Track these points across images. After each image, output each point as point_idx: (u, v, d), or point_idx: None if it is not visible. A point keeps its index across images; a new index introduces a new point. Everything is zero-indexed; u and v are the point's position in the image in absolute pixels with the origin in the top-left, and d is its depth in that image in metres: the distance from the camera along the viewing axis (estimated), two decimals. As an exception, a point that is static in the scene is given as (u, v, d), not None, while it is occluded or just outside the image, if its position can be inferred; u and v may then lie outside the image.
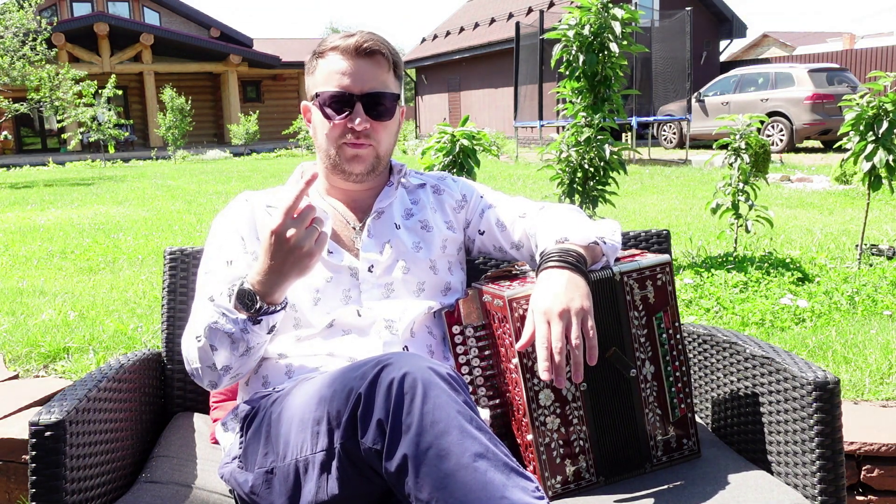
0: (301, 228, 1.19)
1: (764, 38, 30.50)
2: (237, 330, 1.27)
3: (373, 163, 1.44)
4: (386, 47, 1.42)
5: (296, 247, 1.20)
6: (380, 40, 1.42)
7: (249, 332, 1.27)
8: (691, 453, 1.40)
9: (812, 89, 13.42)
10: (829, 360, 2.59)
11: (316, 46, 1.45)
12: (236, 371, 1.34)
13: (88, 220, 7.42)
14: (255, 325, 1.27)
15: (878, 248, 4.42)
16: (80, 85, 16.27)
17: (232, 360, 1.31)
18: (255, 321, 1.26)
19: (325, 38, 1.45)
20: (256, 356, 1.34)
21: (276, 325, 1.31)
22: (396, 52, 1.45)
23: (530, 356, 1.28)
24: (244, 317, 1.26)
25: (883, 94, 3.86)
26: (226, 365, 1.32)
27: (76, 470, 1.21)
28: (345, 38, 1.41)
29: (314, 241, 1.21)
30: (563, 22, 4.08)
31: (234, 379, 1.37)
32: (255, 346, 1.31)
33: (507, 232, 1.53)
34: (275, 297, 1.26)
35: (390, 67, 1.43)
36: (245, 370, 1.36)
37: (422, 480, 1.05)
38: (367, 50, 1.39)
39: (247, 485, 1.27)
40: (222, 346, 1.29)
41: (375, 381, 1.10)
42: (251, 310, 1.25)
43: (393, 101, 1.43)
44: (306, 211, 1.20)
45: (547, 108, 14.21)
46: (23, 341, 3.02)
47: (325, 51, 1.42)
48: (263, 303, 1.25)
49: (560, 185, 4.28)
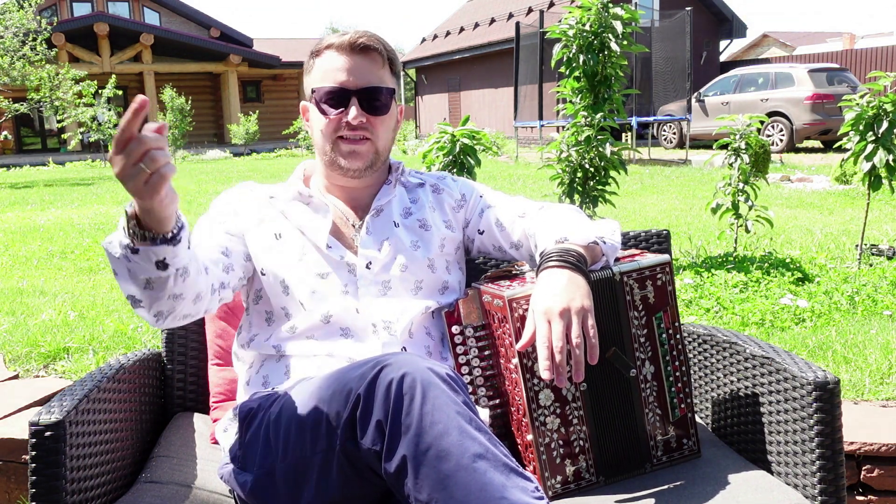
0: (127, 164, 0.99)
1: (764, 38, 30.50)
2: (122, 256, 1.12)
3: (371, 158, 1.45)
4: (381, 43, 1.43)
5: (124, 184, 1.02)
6: (374, 37, 1.43)
7: (132, 261, 1.12)
8: (691, 453, 1.40)
9: (812, 89, 13.41)
10: (829, 360, 2.59)
11: (313, 47, 1.47)
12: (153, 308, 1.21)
13: (88, 220, 7.42)
14: (135, 255, 1.11)
15: (878, 248, 4.42)
16: (80, 85, 16.26)
17: (136, 291, 1.18)
18: (134, 250, 1.11)
19: (322, 38, 1.46)
20: (167, 297, 1.19)
21: (168, 260, 1.13)
22: (392, 49, 1.46)
23: (530, 356, 1.28)
24: (126, 241, 1.11)
25: (883, 94, 3.86)
26: (131, 294, 1.19)
27: (76, 470, 1.21)
28: (340, 36, 1.43)
29: (141, 182, 1.00)
30: (563, 21, 4.08)
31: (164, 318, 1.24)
32: (153, 279, 1.15)
33: (506, 232, 1.53)
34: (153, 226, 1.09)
35: (385, 63, 1.44)
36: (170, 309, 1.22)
37: (421, 481, 1.05)
38: (362, 46, 1.41)
39: (246, 485, 1.27)
40: (120, 271, 1.16)
41: (375, 381, 1.10)
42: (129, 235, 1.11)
43: (389, 95, 1.43)
44: (133, 145, 0.98)
45: (547, 108, 14.21)
46: (23, 341, 3.02)
47: (321, 49, 1.44)
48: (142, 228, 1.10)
49: (560, 185, 4.28)
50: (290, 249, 1.44)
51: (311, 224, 1.46)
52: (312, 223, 1.46)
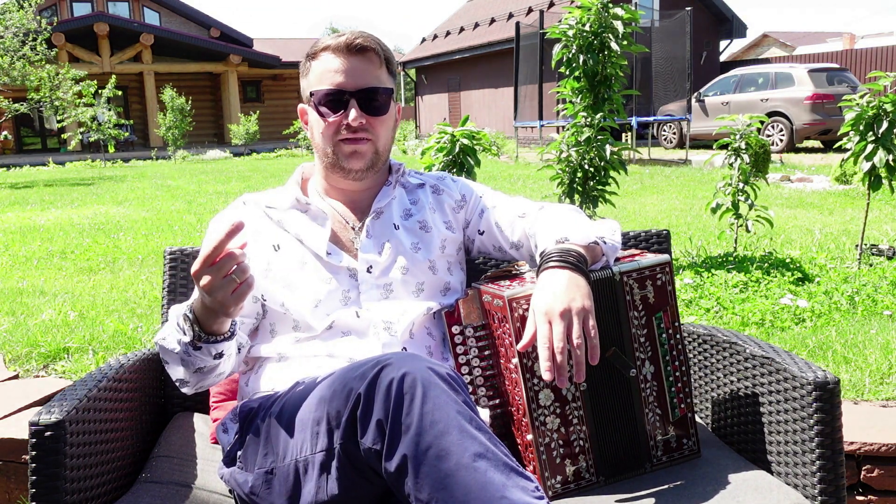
0: (217, 277, 1.13)
1: (764, 38, 30.50)
2: (181, 350, 1.27)
3: (372, 158, 1.45)
4: (377, 43, 1.43)
5: (210, 295, 1.15)
6: (370, 37, 1.43)
7: (192, 355, 1.26)
8: (691, 453, 1.40)
9: (812, 89, 13.41)
10: (829, 360, 2.59)
11: (308, 49, 1.46)
12: (197, 385, 1.35)
13: (88, 220, 7.42)
14: (196, 351, 1.26)
15: (878, 248, 4.42)
16: (80, 85, 16.28)
17: (186, 375, 1.32)
18: (196, 347, 1.25)
19: (318, 41, 1.46)
20: (213, 375, 1.34)
21: (224, 352, 1.29)
22: (388, 49, 1.46)
23: (530, 356, 1.28)
24: (187, 339, 1.25)
25: (883, 94, 3.86)
26: (180, 379, 1.33)
27: (76, 470, 1.21)
28: (336, 38, 1.42)
29: (230, 291, 1.15)
30: (563, 21, 4.08)
31: (201, 388, 1.38)
32: (205, 367, 1.30)
33: (506, 232, 1.53)
34: (213, 328, 1.24)
35: (382, 63, 1.44)
36: (209, 384, 1.37)
37: (421, 480, 1.05)
38: (358, 47, 1.40)
39: (246, 485, 1.27)
40: (172, 361, 1.31)
41: (375, 381, 1.10)
42: (192, 337, 1.25)
43: (387, 95, 1.43)
44: (225, 261, 1.13)
45: (547, 108, 14.21)
46: (23, 341, 3.02)
47: (316, 52, 1.43)
48: (202, 331, 1.24)
49: (560, 185, 4.28)
50: (289, 261, 1.44)
51: (309, 233, 1.46)
52: (311, 232, 1.46)
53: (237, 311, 1.20)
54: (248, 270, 1.15)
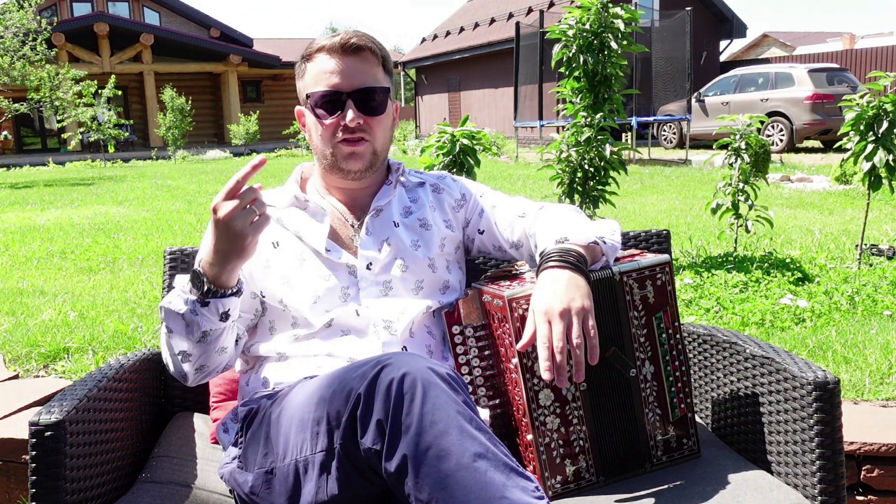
0: (238, 207, 1.17)
1: (764, 38, 30.50)
2: (187, 311, 1.25)
3: (370, 159, 1.44)
4: (372, 42, 1.42)
5: (230, 225, 1.18)
6: (365, 36, 1.42)
7: (199, 314, 1.25)
8: (691, 453, 1.40)
9: (812, 89, 13.41)
10: (829, 360, 2.59)
11: (303, 51, 1.45)
12: (199, 361, 1.32)
13: (88, 220, 7.42)
14: (203, 308, 1.25)
15: (878, 248, 4.42)
16: (80, 85, 16.28)
17: (189, 345, 1.29)
18: (204, 303, 1.25)
19: (312, 42, 1.45)
20: (216, 346, 1.31)
21: (231, 312, 1.28)
22: (383, 47, 1.45)
23: (530, 356, 1.28)
24: (194, 297, 1.25)
25: (883, 94, 3.86)
26: (183, 350, 1.30)
27: (76, 470, 1.21)
28: (330, 38, 1.41)
29: (248, 222, 1.18)
30: (563, 21, 4.08)
31: (203, 373, 1.35)
32: (210, 332, 1.28)
33: (506, 232, 1.53)
34: (222, 280, 1.24)
35: (378, 62, 1.43)
36: (211, 364, 1.34)
37: (421, 481, 1.05)
38: (354, 46, 1.39)
39: (246, 485, 1.27)
40: (176, 328, 1.28)
41: (375, 381, 1.10)
42: (201, 291, 1.25)
43: (384, 95, 1.42)
44: (247, 192, 1.18)
45: (547, 108, 14.21)
46: (23, 341, 3.02)
47: (311, 53, 1.42)
48: (211, 284, 1.24)
49: (560, 185, 4.28)
50: (288, 257, 1.44)
51: (308, 230, 1.46)
52: (310, 229, 1.46)
53: (252, 248, 1.21)
54: (265, 206, 1.21)
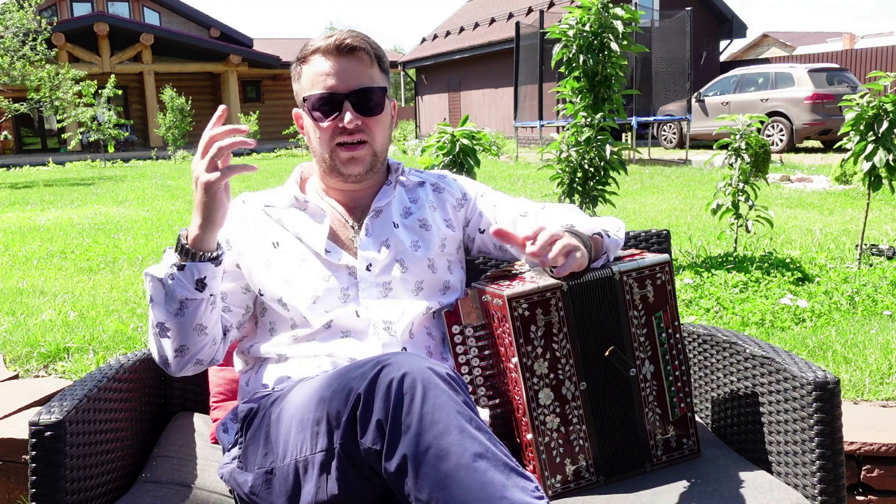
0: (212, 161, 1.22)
1: (764, 38, 30.50)
2: (166, 276, 1.26)
3: (370, 161, 1.44)
4: (367, 42, 1.41)
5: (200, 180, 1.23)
6: (359, 36, 1.41)
7: (175, 278, 1.26)
8: (691, 453, 1.40)
9: (812, 89, 13.41)
10: (829, 360, 2.59)
11: (298, 53, 1.45)
12: (178, 339, 1.30)
13: (88, 220, 7.42)
14: (180, 272, 1.26)
15: (878, 248, 4.42)
16: (80, 85, 16.29)
17: (166, 317, 1.29)
18: (181, 267, 1.26)
19: (306, 43, 1.45)
20: (194, 321, 1.30)
21: (207, 281, 1.28)
22: (378, 46, 1.45)
23: (530, 355, 1.28)
24: (175, 260, 1.27)
25: (883, 94, 3.86)
26: (161, 322, 1.30)
27: (76, 470, 1.21)
28: (325, 39, 1.41)
29: (205, 167, 1.22)
30: (563, 21, 4.08)
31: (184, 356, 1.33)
32: (186, 302, 1.27)
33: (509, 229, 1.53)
34: (200, 241, 1.27)
35: (373, 61, 1.42)
36: (192, 345, 1.32)
37: (421, 480, 1.05)
38: (348, 47, 1.39)
39: (246, 485, 1.27)
40: (157, 296, 1.29)
41: (375, 381, 1.11)
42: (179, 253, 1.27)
43: (381, 94, 1.42)
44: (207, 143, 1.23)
45: (547, 108, 14.20)
46: (23, 341, 3.02)
47: (306, 55, 1.42)
48: (187, 243, 1.27)
49: (560, 185, 4.28)
50: (288, 258, 1.44)
51: (308, 231, 1.45)
52: (310, 229, 1.46)
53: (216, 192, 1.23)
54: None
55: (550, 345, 1.29)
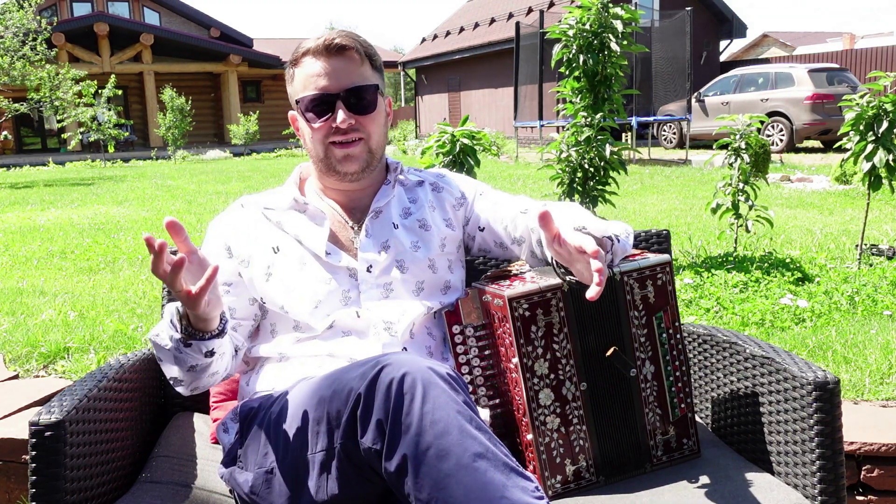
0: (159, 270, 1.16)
1: (764, 38, 30.51)
2: (173, 347, 1.26)
3: (366, 159, 1.44)
4: (356, 41, 1.42)
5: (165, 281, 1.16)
6: (349, 35, 1.42)
7: (183, 352, 1.26)
8: (691, 453, 1.40)
9: (812, 89, 13.41)
10: (829, 360, 2.59)
11: (290, 56, 1.45)
12: (191, 385, 1.34)
13: (88, 220, 7.42)
14: (187, 348, 1.25)
15: (878, 248, 4.42)
16: (80, 85, 16.29)
17: (180, 373, 1.31)
18: (187, 344, 1.25)
19: (298, 46, 1.45)
20: (207, 375, 1.33)
21: (215, 350, 1.28)
22: (369, 45, 1.45)
23: (530, 355, 1.28)
24: (178, 336, 1.25)
25: (883, 94, 3.86)
26: (174, 377, 1.32)
27: (76, 470, 1.21)
28: (315, 40, 1.41)
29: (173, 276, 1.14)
30: (563, 21, 4.08)
31: (196, 389, 1.37)
32: (198, 365, 1.29)
33: (508, 227, 1.53)
34: (200, 325, 1.24)
35: (364, 60, 1.42)
36: (205, 384, 1.35)
37: (421, 480, 1.05)
38: (337, 47, 1.39)
39: (247, 484, 1.27)
40: (166, 359, 1.30)
41: (375, 381, 1.11)
42: (182, 334, 1.25)
43: (373, 92, 1.42)
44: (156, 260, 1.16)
45: (547, 108, 14.21)
46: (23, 341, 3.02)
47: (298, 57, 1.43)
48: (192, 327, 1.24)
49: (560, 185, 4.28)
50: (289, 262, 1.44)
51: (308, 233, 1.45)
52: (310, 232, 1.45)
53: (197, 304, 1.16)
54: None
55: (551, 345, 1.29)
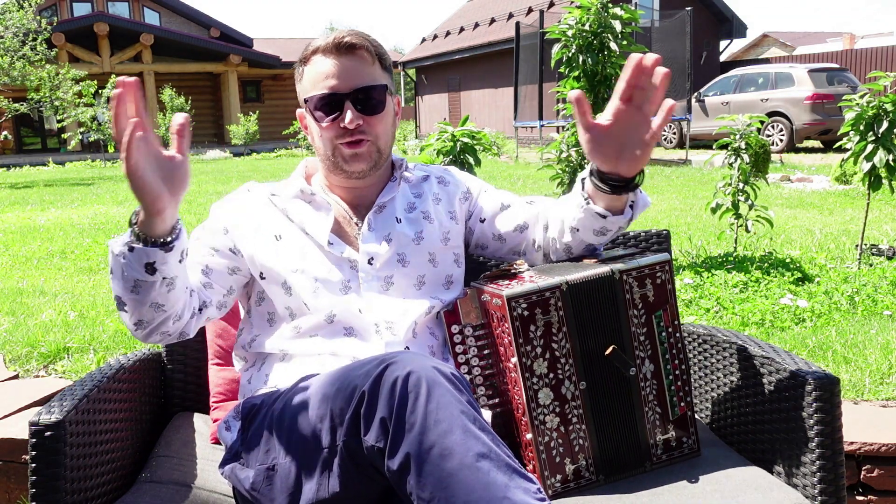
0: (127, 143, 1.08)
1: (764, 38, 30.50)
2: (119, 253, 1.19)
3: (374, 158, 1.44)
4: (367, 40, 1.41)
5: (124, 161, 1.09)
6: (359, 34, 1.41)
7: (126, 259, 1.18)
8: (691, 452, 1.40)
9: (812, 89, 13.41)
10: (829, 360, 2.59)
11: (300, 54, 1.45)
12: (135, 314, 1.25)
13: (88, 220, 7.42)
14: (130, 253, 1.18)
15: (878, 248, 4.42)
16: (80, 85, 16.31)
17: (122, 292, 1.23)
18: (131, 248, 1.18)
19: (308, 44, 1.45)
20: (148, 300, 1.23)
21: (158, 265, 1.19)
22: (379, 44, 1.44)
23: (529, 355, 1.28)
24: (127, 239, 1.18)
25: (883, 94, 3.86)
26: (118, 296, 1.24)
27: (76, 470, 1.21)
28: (324, 39, 1.41)
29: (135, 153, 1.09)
30: (563, 21, 4.08)
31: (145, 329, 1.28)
32: (140, 283, 1.20)
33: (511, 217, 1.54)
34: (147, 228, 1.16)
35: (374, 59, 1.42)
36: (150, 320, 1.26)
37: (424, 479, 1.05)
38: (348, 45, 1.39)
39: (248, 481, 1.27)
40: (115, 271, 1.22)
41: (379, 379, 1.11)
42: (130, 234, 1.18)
43: (382, 92, 1.42)
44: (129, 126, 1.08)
45: (547, 108, 14.20)
46: (23, 341, 3.02)
47: (307, 56, 1.42)
48: (136, 227, 1.17)
49: (560, 185, 4.28)
50: (291, 249, 1.44)
51: (312, 222, 1.46)
52: (314, 221, 1.46)
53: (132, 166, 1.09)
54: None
55: (550, 344, 1.29)
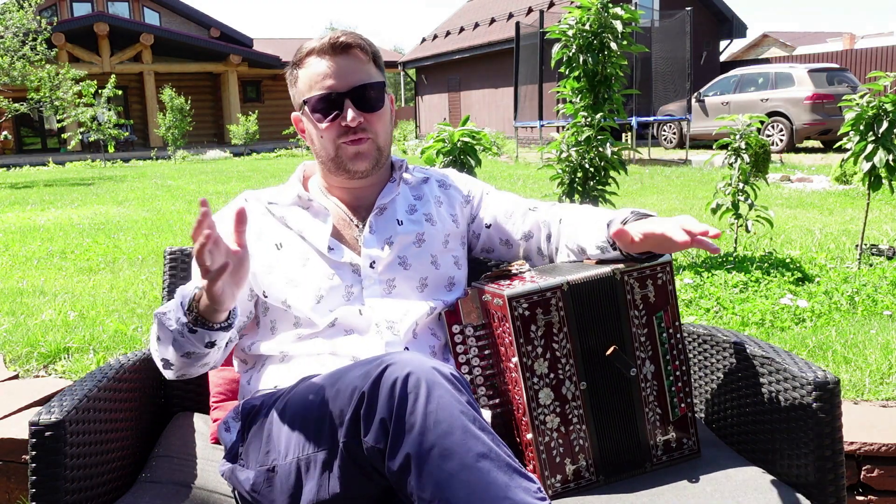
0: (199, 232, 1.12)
1: (764, 38, 30.50)
2: (175, 330, 1.22)
3: (375, 156, 1.44)
4: (360, 39, 1.42)
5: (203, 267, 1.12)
6: (353, 34, 1.42)
7: (185, 337, 1.22)
8: (691, 453, 1.40)
9: (812, 89, 13.42)
10: (829, 360, 2.59)
11: (292, 58, 1.45)
12: (180, 371, 1.31)
13: (88, 220, 7.42)
14: (191, 334, 1.22)
15: (878, 248, 4.42)
16: (80, 85, 16.30)
17: (174, 358, 1.27)
18: (192, 330, 1.21)
19: (299, 48, 1.45)
20: (199, 363, 1.29)
21: (217, 342, 1.25)
22: (372, 43, 1.45)
23: (530, 355, 1.28)
24: (185, 320, 1.21)
25: (883, 94, 3.86)
26: (167, 359, 1.28)
27: (76, 470, 1.21)
28: (318, 41, 1.41)
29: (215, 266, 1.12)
30: (563, 21, 4.08)
31: (183, 376, 1.34)
32: (194, 353, 1.25)
33: (516, 224, 1.54)
34: (209, 314, 1.20)
35: (369, 58, 1.43)
36: (191, 373, 1.32)
37: (424, 480, 1.05)
38: (343, 45, 1.39)
39: (248, 482, 1.27)
40: (165, 339, 1.25)
41: (379, 379, 1.11)
42: (190, 319, 1.21)
43: (380, 89, 1.43)
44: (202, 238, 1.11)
45: (547, 108, 14.20)
46: (23, 341, 3.02)
47: (301, 59, 1.42)
48: (200, 315, 1.21)
49: (560, 185, 4.28)
50: (292, 258, 1.44)
51: (311, 229, 1.46)
52: (313, 228, 1.46)
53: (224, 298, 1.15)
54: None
55: (551, 344, 1.29)
